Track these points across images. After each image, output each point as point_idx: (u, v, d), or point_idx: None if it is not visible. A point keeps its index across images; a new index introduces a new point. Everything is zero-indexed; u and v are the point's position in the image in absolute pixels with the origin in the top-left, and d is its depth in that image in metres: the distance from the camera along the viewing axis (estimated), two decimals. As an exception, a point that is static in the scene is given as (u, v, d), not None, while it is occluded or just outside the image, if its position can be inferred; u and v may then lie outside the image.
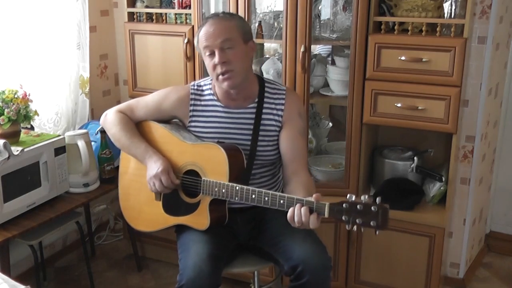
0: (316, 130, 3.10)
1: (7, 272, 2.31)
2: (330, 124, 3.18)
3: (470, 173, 2.79)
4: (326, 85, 2.93)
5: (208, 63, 2.04)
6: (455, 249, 2.91)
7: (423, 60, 2.46)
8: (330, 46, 3.09)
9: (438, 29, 2.44)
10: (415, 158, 2.71)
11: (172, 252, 2.60)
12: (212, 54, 2.02)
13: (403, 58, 2.49)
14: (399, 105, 2.55)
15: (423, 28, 2.48)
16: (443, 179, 2.63)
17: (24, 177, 2.43)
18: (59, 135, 2.63)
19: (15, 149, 2.35)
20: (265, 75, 2.93)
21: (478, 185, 2.88)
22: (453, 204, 2.82)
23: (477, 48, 2.62)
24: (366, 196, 1.69)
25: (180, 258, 2.02)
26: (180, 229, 2.12)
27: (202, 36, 2.03)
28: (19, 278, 1.88)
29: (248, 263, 2.14)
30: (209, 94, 2.16)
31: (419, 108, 2.52)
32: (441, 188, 2.65)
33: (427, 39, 2.45)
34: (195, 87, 2.19)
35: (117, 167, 2.34)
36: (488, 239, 3.35)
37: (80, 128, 3.01)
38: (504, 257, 3.24)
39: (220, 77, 2.02)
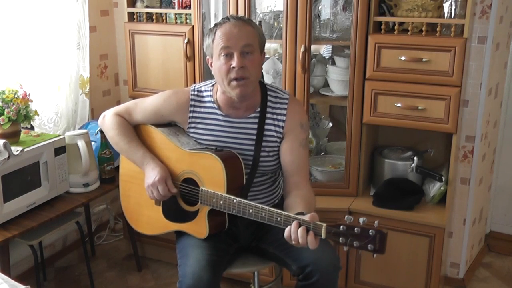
0: (316, 130, 3.10)
1: (7, 272, 2.31)
2: (330, 124, 3.18)
3: (470, 173, 2.79)
4: (326, 85, 2.93)
5: (221, 65, 1.94)
6: (455, 249, 2.91)
7: (423, 60, 2.46)
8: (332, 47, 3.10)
9: (438, 29, 2.44)
10: (415, 158, 2.71)
11: (172, 252, 2.60)
12: (228, 56, 1.93)
13: (403, 58, 2.49)
14: (399, 105, 2.56)
15: (423, 28, 2.48)
16: (443, 179, 2.63)
17: (24, 177, 2.43)
18: (59, 135, 2.63)
19: (15, 149, 2.35)
20: (265, 76, 2.93)
21: (478, 185, 2.88)
22: (453, 204, 2.82)
23: (477, 48, 2.62)
24: (365, 219, 1.65)
25: (179, 264, 1.99)
26: (180, 232, 2.10)
27: (221, 36, 1.93)
28: (19, 278, 1.89)
29: (248, 263, 2.14)
30: (210, 102, 2.09)
31: (419, 108, 2.52)
32: (441, 188, 2.65)
33: (427, 39, 2.45)
34: (195, 92, 2.11)
35: (117, 167, 2.33)
36: (488, 239, 3.34)
37: (80, 128, 3.01)
38: (504, 257, 3.23)
39: (234, 82, 1.94)
